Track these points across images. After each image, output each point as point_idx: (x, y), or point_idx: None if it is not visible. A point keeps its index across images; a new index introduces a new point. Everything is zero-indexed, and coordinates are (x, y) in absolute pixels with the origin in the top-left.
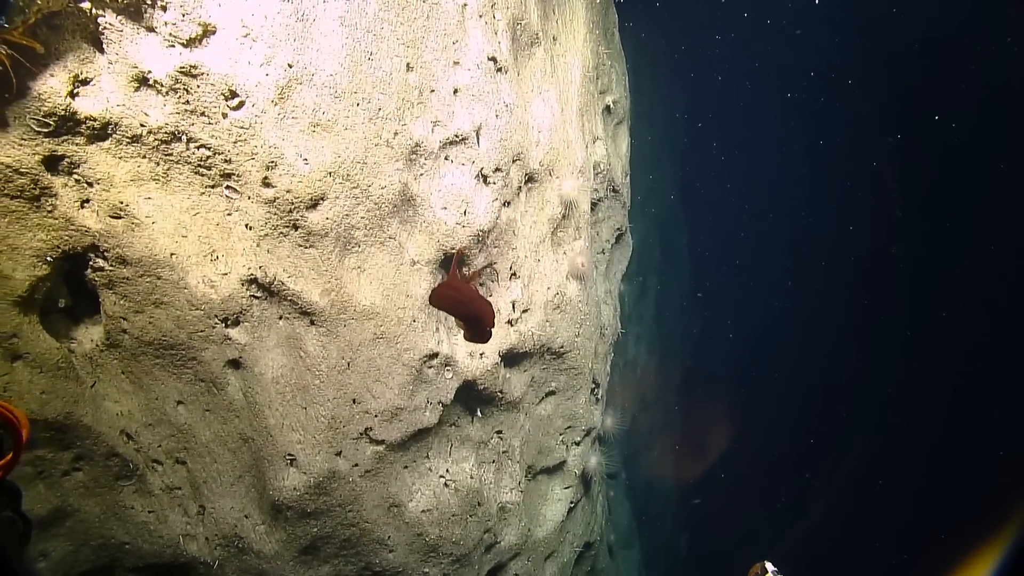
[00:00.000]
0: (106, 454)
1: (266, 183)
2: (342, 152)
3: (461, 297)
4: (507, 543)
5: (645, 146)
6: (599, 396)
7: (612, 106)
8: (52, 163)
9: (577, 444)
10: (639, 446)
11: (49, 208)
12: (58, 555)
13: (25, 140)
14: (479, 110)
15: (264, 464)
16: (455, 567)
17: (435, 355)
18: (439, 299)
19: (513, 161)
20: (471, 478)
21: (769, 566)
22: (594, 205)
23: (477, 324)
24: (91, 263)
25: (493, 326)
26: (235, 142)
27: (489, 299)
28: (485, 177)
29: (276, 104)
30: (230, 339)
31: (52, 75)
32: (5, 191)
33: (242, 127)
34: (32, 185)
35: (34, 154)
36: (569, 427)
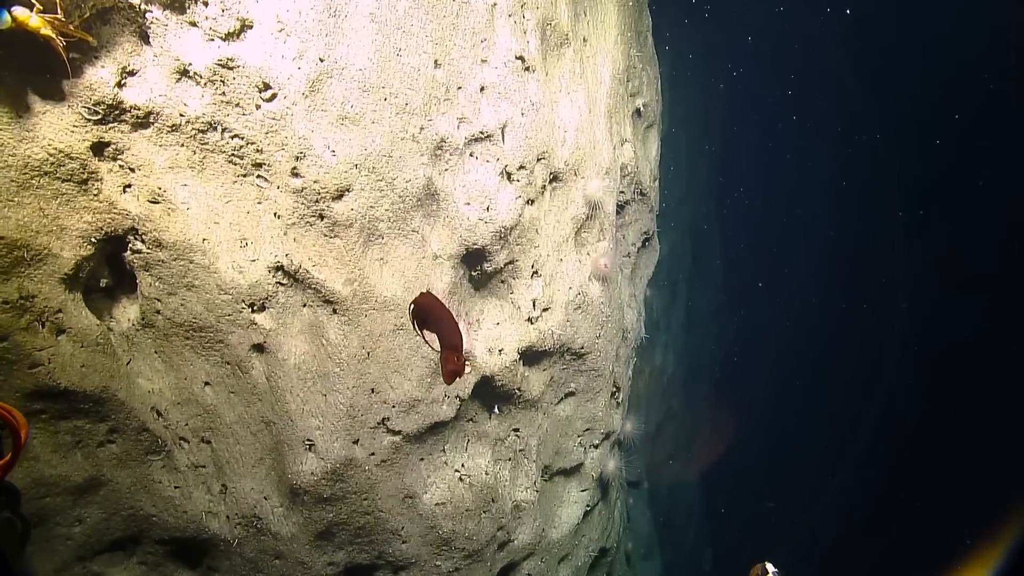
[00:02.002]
0: (138, 429)
1: (295, 173)
2: (369, 145)
3: (442, 315)
4: (520, 542)
5: (679, 152)
6: (620, 400)
7: (642, 109)
8: (99, 149)
9: (595, 447)
10: (664, 456)
11: (95, 192)
12: (92, 521)
13: (76, 127)
14: (505, 108)
15: (284, 448)
16: (467, 562)
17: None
18: (420, 308)
19: (538, 159)
20: (486, 474)
21: (770, 567)
22: (620, 208)
23: (444, 351)
24: (130, 245)
25: (457, 359)
26: (267, 133)
27: (461, 343)
28: (509, 174)
29: (307, 97)
30: (256, 324)
31: (103, 66)
32: (58, 174)
33: (274, 118)
34: (81, 170)
35: (84, 140)
36: (588, 429)
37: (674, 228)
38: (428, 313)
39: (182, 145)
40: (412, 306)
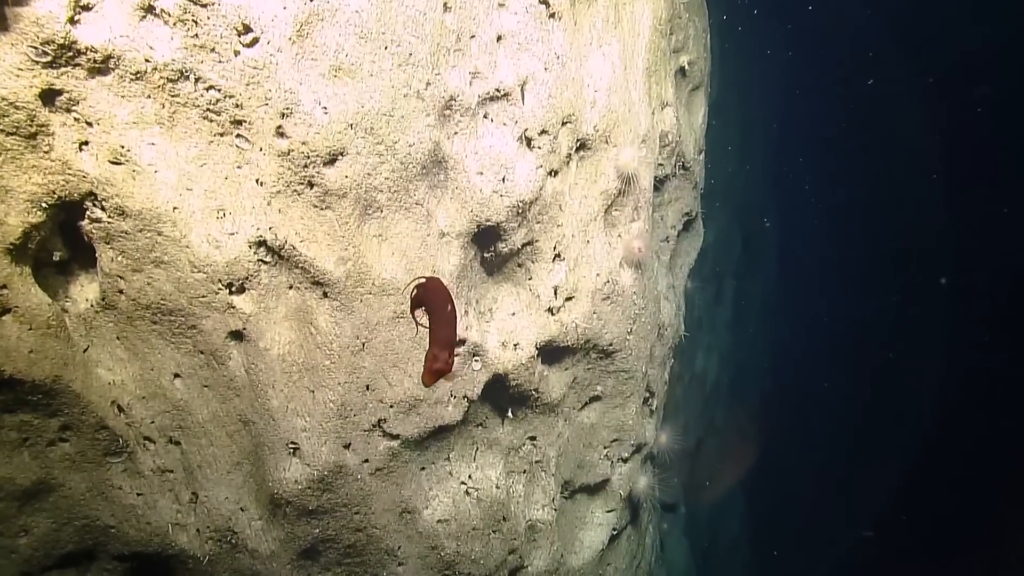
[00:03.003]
0: (95, 426)
1: (280, 133)
2: (366, 102)
3: (440, 304)
4: (535, 568)
5: (729, 120)
6: (654, 407)
7: (687, 68)
8: (50, 97)
9: (624, 461)
10: (705, 475)
11: (46, 148)
12: (40, 532)
13: (22, 71)
14: (525, 61)
15: (264, 451)
16: None
17: (462, 341)
18: (422, 291)
19: (563, 123)
20: (497, 488)
21: None
22: (659, 183)
23: (433, 346)
24: (88, 213)
25: (447, 357)
26: (247, 84)
27: (452, 342)
28: (529, 140)
29: (294, 43)
30: (234, 307)
31: None
32: (0, 126)
33: (255, 67)
34: (28, 121)
35: (31, 87)
36: (615, 440)
37: (721, 210)
38: (428, 299)
39: (148, 97)
40: (414, 288)
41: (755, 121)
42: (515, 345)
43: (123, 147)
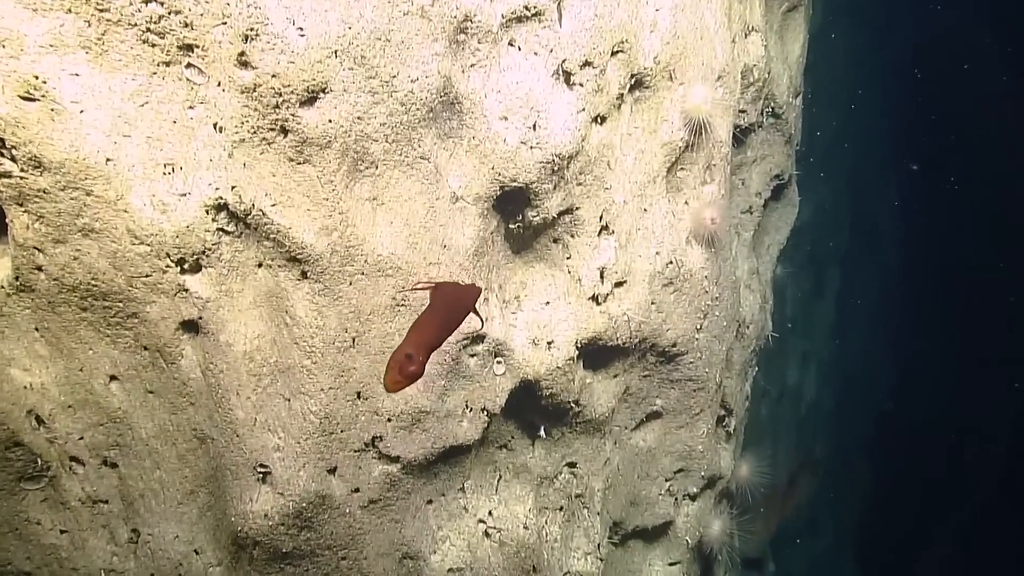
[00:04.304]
0: (6, 442)
1: (243, 62)
2: (355, 22)
3: (444, 300)
4: None
5: (836, 55)
6: (731, 429)
7: None
8: None
9: (692, 499)
10: (800, 522)
11: None
12: None
13: None
14: None
15: (226, 476)
16: None
17: (480, 338)
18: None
19: (612, 53)
20: (525, 529)
21: None
22: (740, 135)
23: (409, 343)
24: None
25: (419, 363)
26: None
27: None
28: (568, 75)
29: None
30: (187, 290)
31: None
32: None
33: None
34: None
35: None
36: (680, 470)
37: (824, 176)
38: (442, 293)
39: (68, 11)
40: (436, 287)
41: (877, 55)
42: (549, 343)
43: (37, 78)
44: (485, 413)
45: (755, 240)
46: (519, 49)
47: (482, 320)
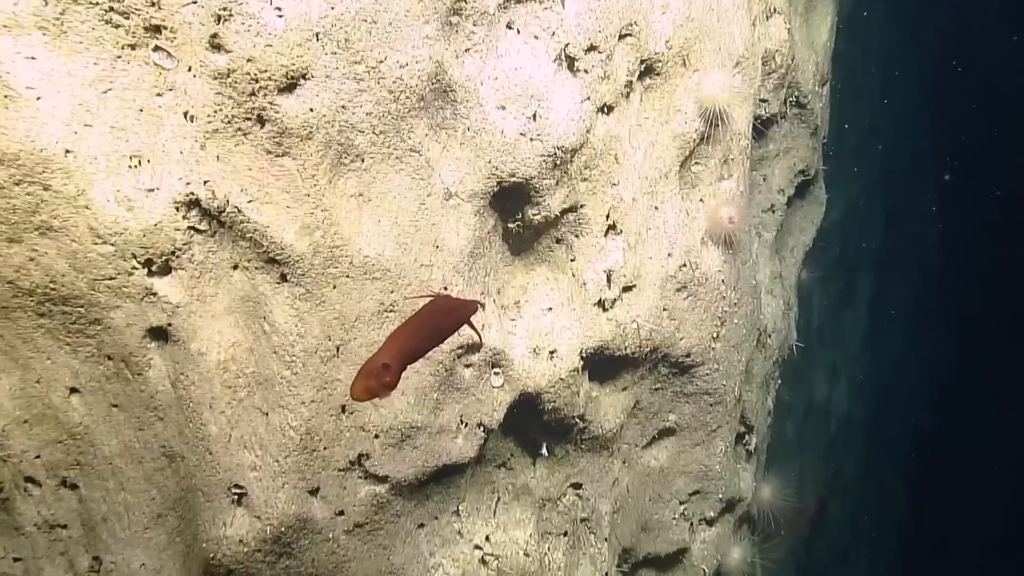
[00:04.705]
0: None
1: (216, 45)
2: (338, 2)
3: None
4: None
5: (870, 40)
6: (752, 448)
7: None
8: None
9: (709, 523)
10: (832, 551)
11: None
12: None
13: None
14: None
15: (197, 498)
16: None
17: (477, 346)
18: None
19: (620, 37)
20: (526, 556)
21: None
22: (761, 127)
23: (384, 352)
24: None
25: (392, 376)
26: None
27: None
28: (572, 60)
29: None
30: (155, 294)
31: None
32: None
33: None
34: None
35: None
36: (696, 492)
37: (855, 173)
38: (433, 307)
39: None
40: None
41: (914, 42)
42: (551, 353)
43: None
44: (482, 429)
45: (778, 241)
46: (518, 32)
47: (480, 336)
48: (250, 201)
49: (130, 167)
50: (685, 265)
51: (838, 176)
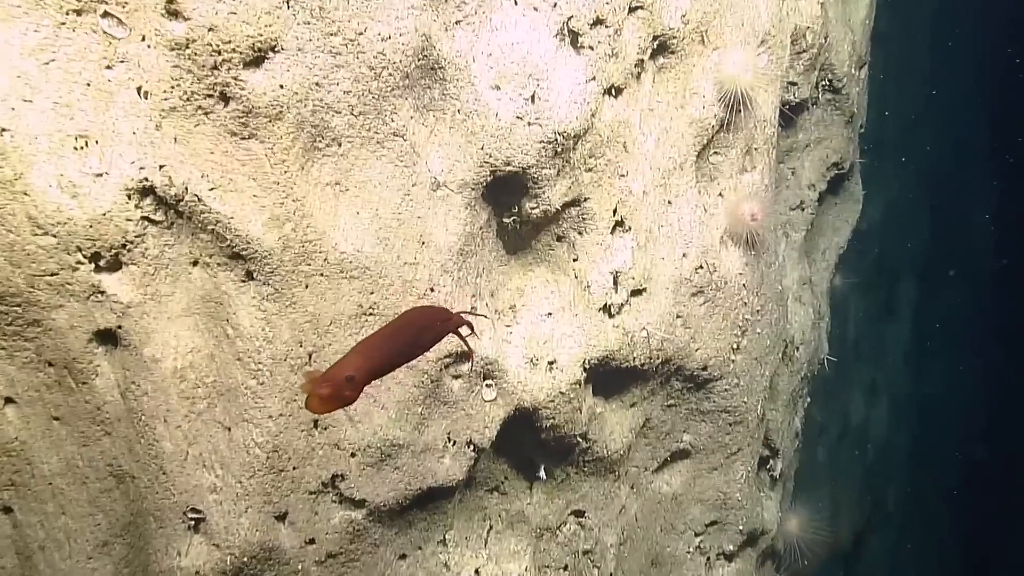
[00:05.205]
0: None
1: (173, 12)
2: None
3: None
4: None
5: (913, 17)
6: (777, 473)
7: None
8: None
9: (728, 558)
10: None
11: None
12: None
13: None
14: None
15: (149, 524)
16: None
17: (467, 355)
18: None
19: (630, 10)
20: None
21: None
22: (789, 113)
23: (347, 361)
24: None
25: (354, 387)
26: None
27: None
28: (575, 35)
29: None
30: (103, 292)
31: None
32: None
33: None
34: None
35: None
36: (714, 523)
37: (897, 167)
38: (409, 317)
39: None
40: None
41: (967, 22)
42: (550, 363)
43: None
44: (471, 448)
45: (807, 242)
46: (515, 3)
47: (470, 347)
48: (212, 189)
49: (75, 149)
50: (702, 267)
51: (877, 171)
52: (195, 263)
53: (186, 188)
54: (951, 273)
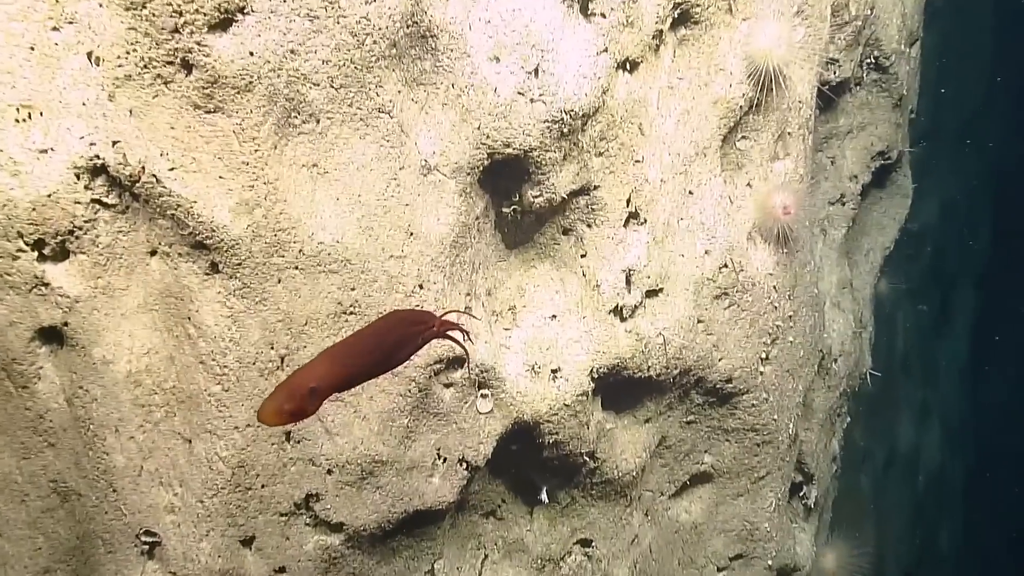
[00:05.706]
0: None
1: None
2: None
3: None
4: None
5: None
6: (811, 502)
7: None
8: None
9: None
10: None
11: None
12: None
13: None
14: None
15: (96, 548)
16: None
17: (459, 361)
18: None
19: None
20: None
21: None
22: (830, 94)
23: (310, 369)
24: None
25: (314, 399)
26: None
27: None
28: (585, 1)
29: None
30: (47, 285)
31: None
32: None
33: None
34: None
35: None
36: (739, 556)
37: (954, 160)
38: (386, 323)
39: None
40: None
41: None
42: (554, 372)
43: None
44: (464, 466)
45: (848, 242)
46: None
47: (466, 350)
48: (172, 169)
49: (17, 121)
50: (726, 266)
51: (931, 163)
52: (153, 253)
53: (143, 167)
54: (1014, 281)
